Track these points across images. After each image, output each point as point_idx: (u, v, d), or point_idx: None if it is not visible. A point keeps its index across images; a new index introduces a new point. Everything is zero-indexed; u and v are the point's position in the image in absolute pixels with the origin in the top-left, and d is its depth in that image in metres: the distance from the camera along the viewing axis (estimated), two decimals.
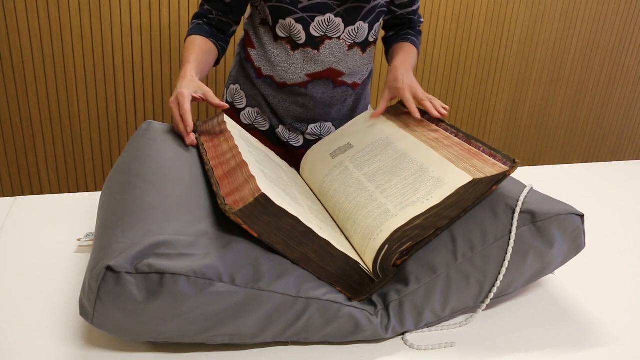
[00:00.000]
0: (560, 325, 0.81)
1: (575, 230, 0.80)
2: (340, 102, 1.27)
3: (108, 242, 0.68)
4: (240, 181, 0.76)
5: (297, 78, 1.20)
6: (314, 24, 1.14)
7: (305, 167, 1.11)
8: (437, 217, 0.76)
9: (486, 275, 0.77)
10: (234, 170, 0.81)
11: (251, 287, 0.67)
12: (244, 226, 0.68)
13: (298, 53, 1.18)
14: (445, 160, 0.85)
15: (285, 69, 1.20)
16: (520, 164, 2.81)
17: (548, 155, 2.85)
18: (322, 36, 1.16)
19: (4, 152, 2.04)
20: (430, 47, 2.40)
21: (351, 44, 1.19)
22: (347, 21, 1.15)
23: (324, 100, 1.24)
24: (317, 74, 1.20)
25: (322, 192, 0.98)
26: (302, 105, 1.25)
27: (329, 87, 1.22)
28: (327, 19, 1.14)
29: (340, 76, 1.22)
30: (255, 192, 0.70)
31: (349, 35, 1.17)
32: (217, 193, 0.74)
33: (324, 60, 1.18)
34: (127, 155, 0.90)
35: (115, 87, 2.06)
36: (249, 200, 0.68)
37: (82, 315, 0.66)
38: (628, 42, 2.72)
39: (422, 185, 0.81)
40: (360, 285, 0.75)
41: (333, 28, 1.15)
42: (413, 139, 0.95)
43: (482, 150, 0.86)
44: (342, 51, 1.19)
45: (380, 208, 0.81)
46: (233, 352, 0.71)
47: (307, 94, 1.22)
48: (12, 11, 1.86)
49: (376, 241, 0.77)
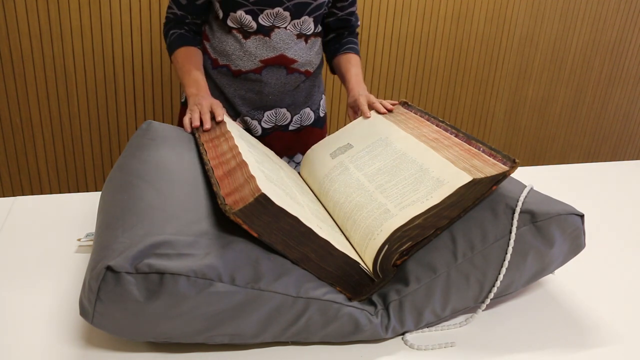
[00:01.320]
0: (560, 325, 0.81)
1: (575, 230, 0.80)
2: (294, 87, 1.31)
3: (108, 242, 0.68)
4: (240, 181, 0.76)
5: (252, 65, 1.25)
6: (262, 15, 1.20)
7: (305, 166, 1.11)
8: (437, 216, 0.76)
9: (486, 275, 0.77)
10: (234, 170, 0.80)
11: (251, 287, 0.67)
12: (244, 226, 0.68)
13: (250, 41, 1.23)
14: (445, 160, 0.85)
15: (239, 57, 1.25)
16: (520, 164, 2.81)
17: (548, 155, 2.85)
18: (271, 25, 1.22)
19: (4, 152, 2.04)
20: (430, 47, 2.40)
21: (298, 34, 1.25)
22: (294, 15, 1.22)
23: (277, 86, 1.29)
24: (270, 59, 1.25)
25: (322, 192, 0.98)
26: (257, 92, 1.29)
27: (282, 73, 1.27)
28: (275, 12, 1.20)
29: (292, 64, 1.27)
30: (255, 192, 0.70)
31: (294, 27, 1.24)
32: (217, 193, 0.74)
33: (275, 47, 1.24)
34: (127, 155, 0.90)
35: (115, 87, 2.06)
36: (249, 200, 0.68)
37: (82, 315, 0.66)
38: (628, 42, 2.72)
39: (422, 185, 0.81)
40: (360, 285, 0.75)
41: (280, 19, 1.22)
42: (413, 139, 0.95)
43: (482, 150, 0.86)
44: (292, 39, 1.25)
45: (380, 208, 0.81)
46: (233, 352, 0.71)
47: (262, 80, 1.27)
48: (12, 11, 1.86)
49: (376, 241, 0.76)
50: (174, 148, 0.92)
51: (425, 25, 2.35)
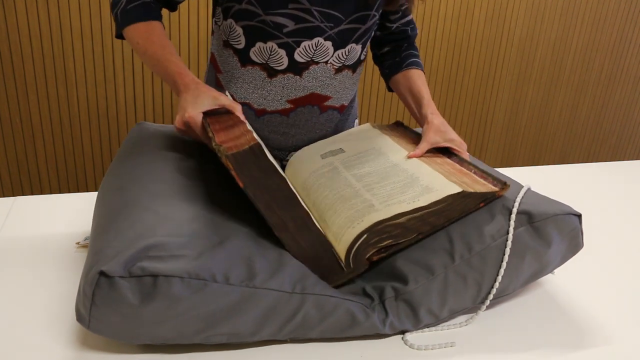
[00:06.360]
0: (559, 325, 0.81)
1: (572, 230, 0.80)
2: (326, 127, 1.12)
3: (101, 246, 0.68)
4: (237, 133, 0.75)
5: (277, 105, 1.04)
6: (299, 49, 0.99)
7: (291, 165, 1.06)
8: (421, 221, 0.76)
9: (484, 276, 0.77)
10: (231, 127, 0.80)
11: (245, 286, 0.67)
12: (232, 172, 0.67)
13: (276, 80, 1.01)
14: (436, 172, 0.85)
15: (263, 96, 1.03)
16: (519, 164, 2.81)
17: (548, 155, 2.85)
18: (308, 61, 1.01)
19: (4, 152, 2.05)
20: (430, 47, 2.40)
21: (340, 67, 1.04)
22: (338, 45, 1.01)
23: (307, 127, 1.09)
24: (299, 99, 1.04)
25: (306, 186, 0.95)
26: (283, 134, 1.08)
27: (315, 113, 1.07)
28: (315, 44, 0.99)
29: (326, 101, 1.06)
30: (250, 141, 0.69)
31: (337, 59, 1.03)
32: (212, 138, 0.72)
33: (306, 86, 1.03)
34: (120, 158, 0.90)
35: (116, 87, 2.06)
36: (243, 147, 0.67)
37: (79, 321, 0.66)
38: (628, 42, 2.72)
39: (411, 189, 0.82)
40: (329, 271, 0.75)
41: (321, 53, 1.00)
42: (406, 153, 0.95)
43: (473, 172, 0.87)
44: (328, 75, 1.04)
45: (364, 202, 0.81)
46: (231, 352, 0.71)
47: (290, 122, 1.06)
48: (12, 11, 1.87)
49: (355, 229, 0.76)
50: (165, 150, 0.92)
51: (425, 26, 2.35)
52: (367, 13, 1.01)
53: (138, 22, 0.94)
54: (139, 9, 0.94)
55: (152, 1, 0.97)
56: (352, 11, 0.99)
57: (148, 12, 0.95)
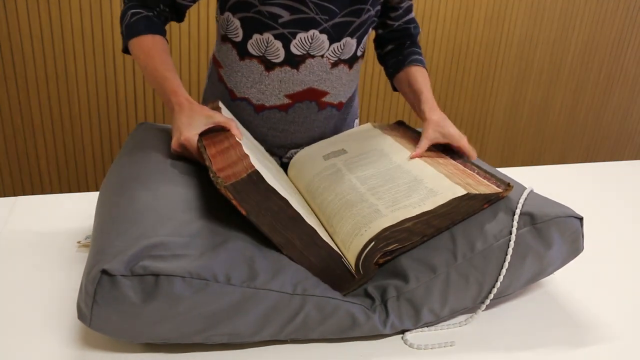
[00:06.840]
0: (560, 325, 0.81)
1: (574, 232, 0.80)
2: (324, 124, 1.13)
3: (103, 245, 0.68)
4: (234, 158, 0.75)
5: (276, 100, 1.05)
6: (295, 41, 1.00)
7: (294, 166, 1.06)
8: (426, 224, 0.77)
9: (485, 276, 0.77)
10: (227, 150, 0.80)
11: (247, 286, 0.67)
12: (233, 202, 0.68)
13: (274, 73, 1.03)
14: (440, 174, 0.86)
15: (261, 90, 1.05)
16: (518, 164, 2.81)
17: (547, 155, 2.85)
18: (304, 54, 1.02)
19: (4, 152, 2.05)
20: (430, 47, 2.40)
21: (335, 61, 1.05)
22: (333, 38, 1.02)
23: (306, 124, 1.10)
24: (297, 94, 1.05)
25: (310, 189, 0.95)
26: (282, 131, 1.10)
27: (313, 110, 1.08)
28: (311, 36, 1.00)
29: (323, 96, 1.08)
30: (248, 168, 0.69)
31: (333, 53, 1.04)
32: (209, 167, 0.72)
33: (303, 80, 1.04)
34: (122, 158, 0.90)
35: (116, 87, 2.06)
36: (241, 176, 0.67)
37: (80, 319, 0.66)
38: (627, 43, 2.72)
39: (416, 193, 0.82)
40: (341, 280, 0.75)
41: (317, 46, 1.02)
42: (409, 153, 0.95)
43: (476, 172, 0.87)
44: (325, 70, 1.05)
45: (370, 207, 0.81)
46: (232, 352, 0.72)
47: (288, 119, 1.08)
48: (13, 12, 1.87)
49: (363, 237, 0.77)
50: (167, 150, 0.92)
51: (425, 26, 2.36)
52: (361, 7, 1.02)
53: (140, 35, 0.96)
54: (142, 23, 0.97)
55: (156, 15, 1.00)
56: (347, 4, 1.00)
57: (150, 26, 0.97)
